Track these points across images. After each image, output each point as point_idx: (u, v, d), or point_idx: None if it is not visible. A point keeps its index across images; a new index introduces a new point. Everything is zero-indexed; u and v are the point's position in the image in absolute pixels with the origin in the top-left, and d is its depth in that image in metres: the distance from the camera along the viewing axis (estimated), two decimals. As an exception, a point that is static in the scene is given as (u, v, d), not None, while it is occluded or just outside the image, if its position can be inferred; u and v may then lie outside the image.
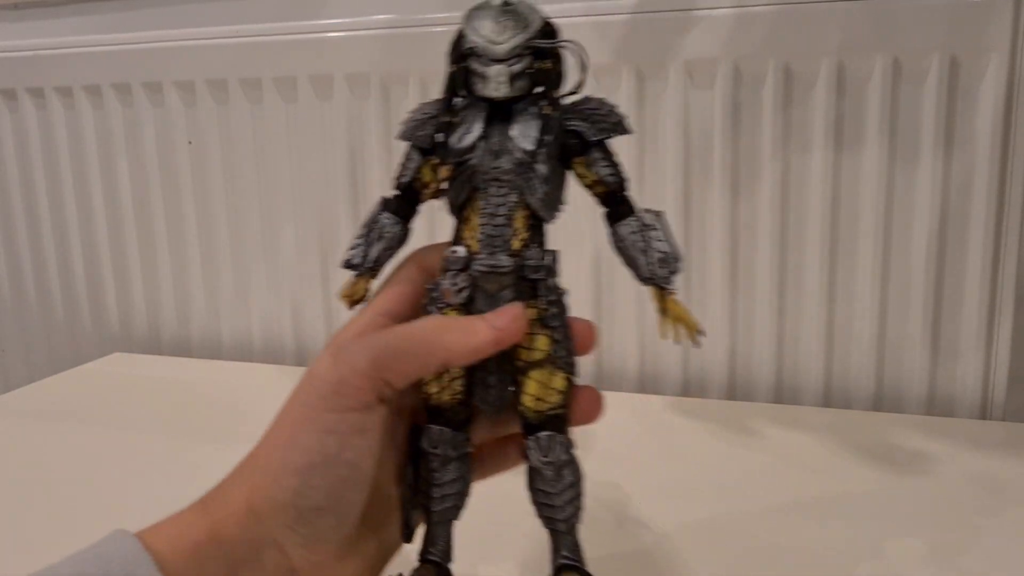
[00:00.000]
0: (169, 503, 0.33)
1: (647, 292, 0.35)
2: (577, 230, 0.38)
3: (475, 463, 0.36)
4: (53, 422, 0.72)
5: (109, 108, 0.93)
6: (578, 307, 0.82)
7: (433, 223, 0.39)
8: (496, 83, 0.32)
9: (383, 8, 0.80)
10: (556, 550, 0.35)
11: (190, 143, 0.91)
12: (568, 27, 0.79)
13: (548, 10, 0.35)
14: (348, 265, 0.36)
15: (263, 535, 0.30)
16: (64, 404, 0.78)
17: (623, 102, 0.73)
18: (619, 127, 0.34)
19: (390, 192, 0.36)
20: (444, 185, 0.34)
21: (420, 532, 0.36)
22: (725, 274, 0.74)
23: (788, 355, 0.74)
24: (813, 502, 0.53)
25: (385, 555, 0.35)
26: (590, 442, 0.61)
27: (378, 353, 0.31)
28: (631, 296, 0.76)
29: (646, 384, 0.78)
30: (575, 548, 0.35)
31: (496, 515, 0.40)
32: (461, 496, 0.35)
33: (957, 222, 0.68)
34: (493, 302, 0.33)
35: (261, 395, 0.78)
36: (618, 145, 0.35)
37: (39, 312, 1.03)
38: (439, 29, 0.78)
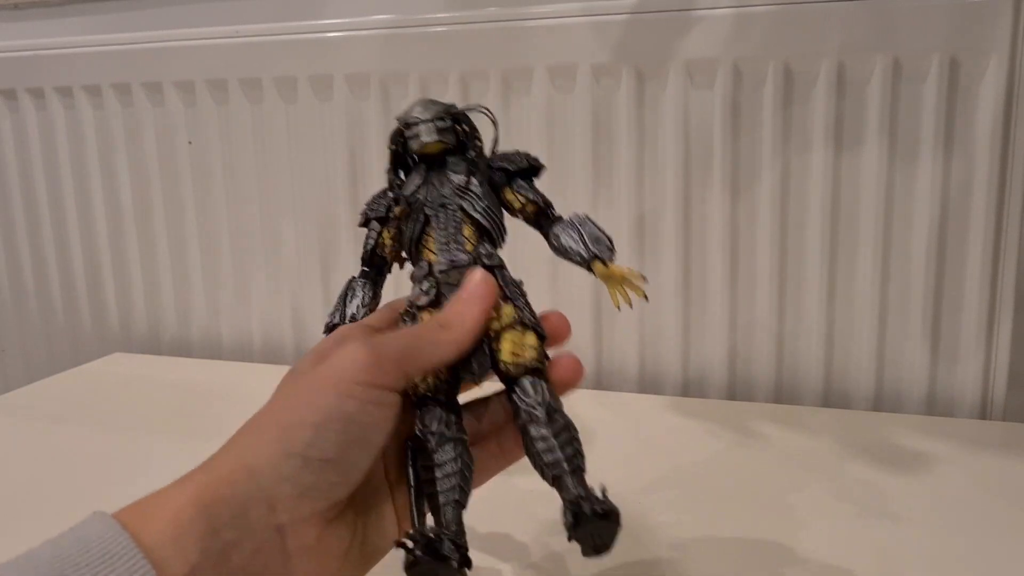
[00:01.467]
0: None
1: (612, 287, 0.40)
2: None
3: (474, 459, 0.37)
4: (53, 422, 0.72)
5: (109, 108, 0.93)
6: (578, 309, 0.82)
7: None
8: (426, 133, 0.39)
9: (383, 8, 0.81)
10: (566, 490, 0.34)
11: (190, 143, 0.91)
12: (568, 27, 0.79)
13: (549, 10, 0.36)
14: (330, 327, 0.40)
15: (253, 491, 0.30)
16: (64, 404, 0.78)
17: (623, 102, 0.73)
18: (535, 163, 0.41)
19: (359, 271, 0.42)
20: (400, 224, 0.40)
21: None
22: (725, 274, 0.74)
23: (788, 355, 0.74)
24: (813, 502, 0.53)
25: (365, 547, 0.35)
26: (590, 442, 0.61)
27: (406, 346, 0.34)
28: (631, 296, 0.76)
29: (646, 384, 0.78)
30: (583, 484, 0.34)
31: (490, 511, 0.40)
32: (464, 479, 0.35)
33: (957, 222, 0.68)
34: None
35: (261, 395, 0.78)
36: (618, 146, 0.36)
37: (39, 312, 1.03)
38: (439, 29, 0.78)
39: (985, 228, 0.67)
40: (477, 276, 0.37)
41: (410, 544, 0.32)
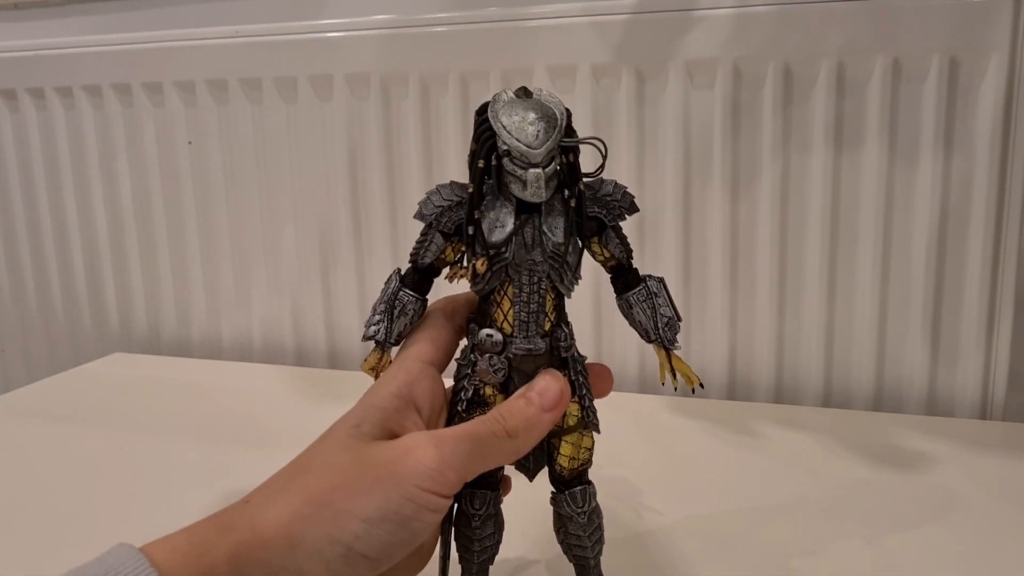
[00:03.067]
0: (168, 503, 0.33)
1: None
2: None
3: None
4: (53, 422, 0.72)
5: (109, 108, 0.93)
6: (579, 309, 0.82)
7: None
8: (534, 189, 0.33)
9: (383, 8, 0.81)
10: None
11: (190, 143, 0.91)
12: (568, 27, 0.79)
13: (549, 10, 0.35)
14: (374, 341, 0.38)
15: (288, 563, 0.31)
16: (64, 404, 0.78)
17: (623, 102, 0.73)
18: (632, 208, 0.37)
19: (407, 267, 0.38)
20: (474, 272, 0.35)
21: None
22: (725, 274, 0.74)
23: (788, 355, 0.74)
24: (813, 502, 0.53)
25: None
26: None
27: (471, 453, 0.34)
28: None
29: (646, 384, 0.78)
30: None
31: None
32: (497, 544, 0.39)
33: (957, 222, 0.68)
34: (528, 379, 0.36)
35: (261, 395, 0.78)
36: (618, 146, 0.35)
37: (39, 312, 1.03)
38: (439, 29, 0.78)
39: (985, 228, 0.67)
40: (555, 388, 0.35)
41: None
